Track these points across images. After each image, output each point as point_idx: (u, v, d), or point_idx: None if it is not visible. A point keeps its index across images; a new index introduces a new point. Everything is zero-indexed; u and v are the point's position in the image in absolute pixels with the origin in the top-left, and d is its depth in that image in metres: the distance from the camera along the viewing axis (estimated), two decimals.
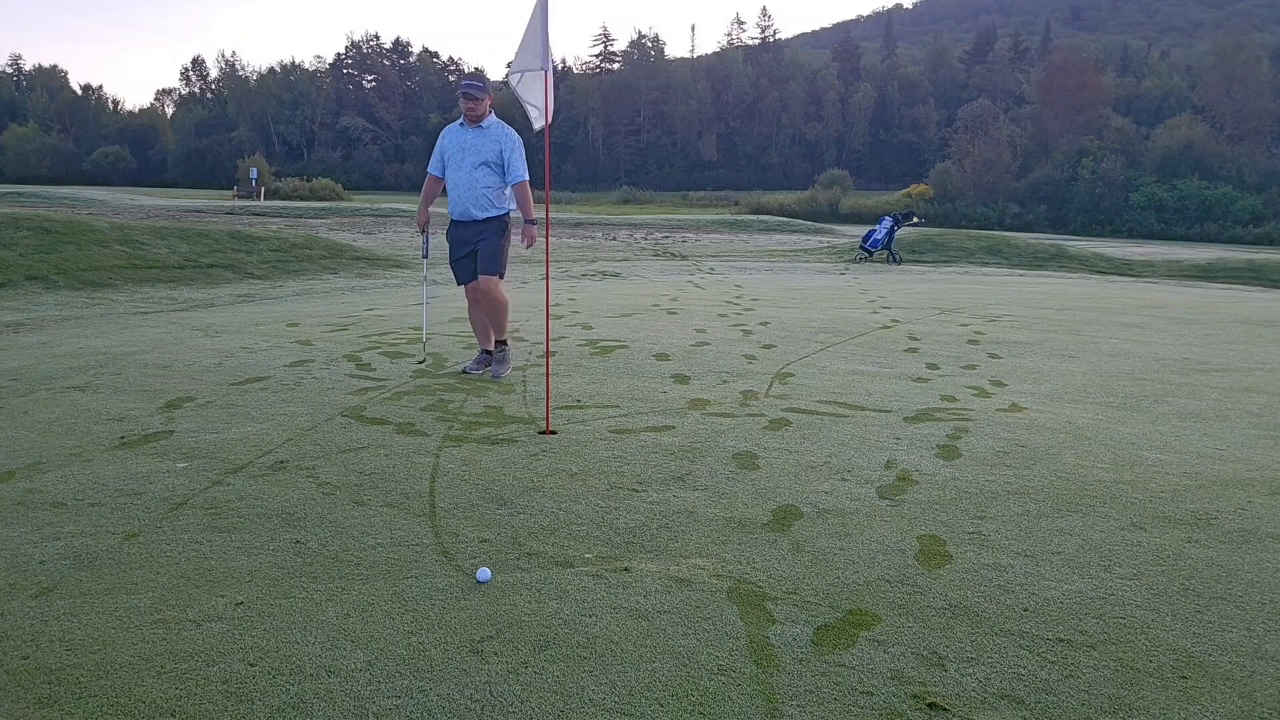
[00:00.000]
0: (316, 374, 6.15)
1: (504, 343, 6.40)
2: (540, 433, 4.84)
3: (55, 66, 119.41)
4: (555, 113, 6.13)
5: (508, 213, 6.24)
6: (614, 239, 27.23)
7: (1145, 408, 5.80)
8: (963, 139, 66.54)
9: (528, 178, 6.12)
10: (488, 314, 6.29)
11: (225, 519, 3.55)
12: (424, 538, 3.41)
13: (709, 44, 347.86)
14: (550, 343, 6.64)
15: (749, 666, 2.53)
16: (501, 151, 6.05)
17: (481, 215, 6.13)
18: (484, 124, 6.08)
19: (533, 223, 6.11)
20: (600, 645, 2.63)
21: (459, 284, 6.46)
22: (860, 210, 58.21)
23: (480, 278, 6.20)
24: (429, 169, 6.44)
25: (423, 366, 6.45)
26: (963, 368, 7.03)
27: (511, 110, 6.36)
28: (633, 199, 75.82)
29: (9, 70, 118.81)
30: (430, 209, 6.50)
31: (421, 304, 7.84)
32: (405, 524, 3.52)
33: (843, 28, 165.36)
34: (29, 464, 4.18)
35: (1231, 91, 69.03)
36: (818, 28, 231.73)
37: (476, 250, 6.18)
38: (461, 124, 6.16)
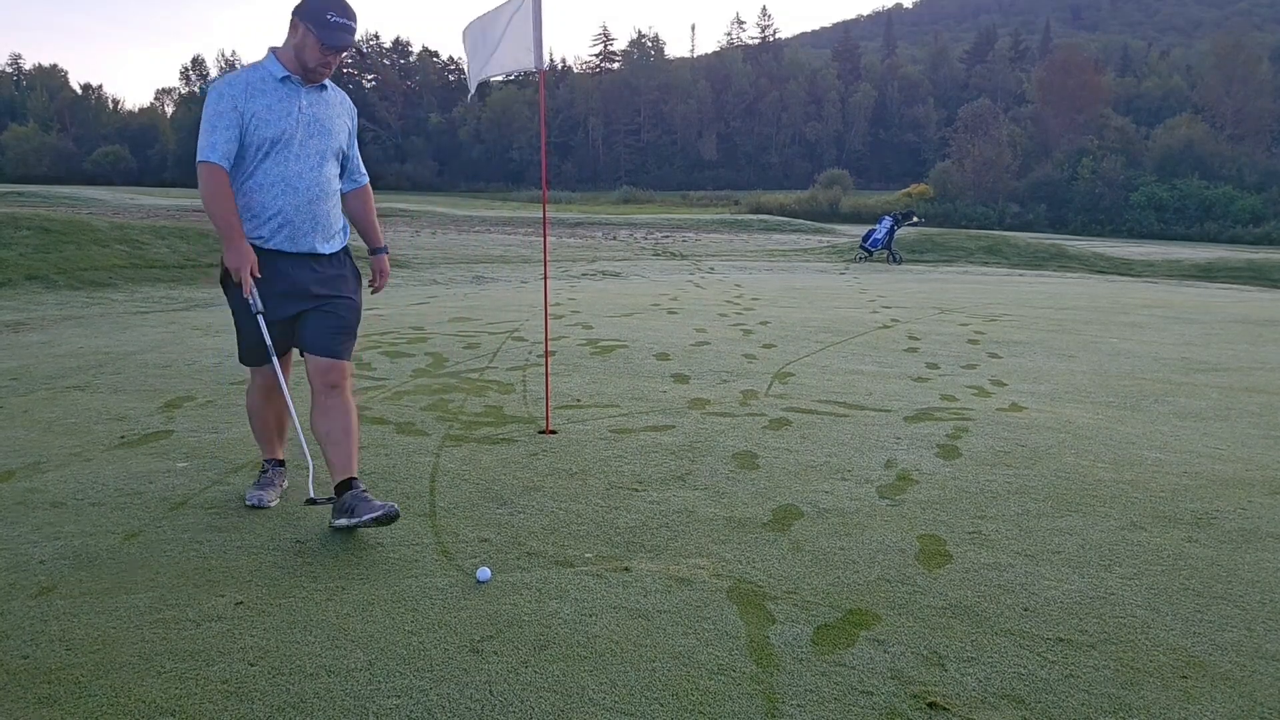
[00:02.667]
0: None
1: (356, 480, 3.45)
2: (540, 432, 4.84)
3: (55, 66, 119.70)
4: (554, 112, 5.96)
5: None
6: (614, 239, 27.21)
7: (1145, 407, 5.80)
8: (963, 139, 66.53)
9: None
10: (335, 425, 3.48)
11: (225, 518, 3.55)
12: (424, 537, 3.41)
13: (709, 44, 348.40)
14: (550, 342, 6.64)
15: (749, 666, 2.53)
16: (350, 134, 3.74)
17: (329, 248, 3.60)
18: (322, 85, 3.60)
19: (384, 251, 3.94)
20: (600, 645, 2.63)
21: (256, 363, 3.66)
22: (860, 210, 58.23)
23: (327, 362, 3.49)
24: (210, 156, 3.34)
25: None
26: (963, 367, 7.03)
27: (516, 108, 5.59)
28: (633, 199, 75.80)
29: (9, 70, 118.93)
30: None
31: None
32: (405, 524, 3.52)
33: (843, 27, 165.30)
34: (29, 464, 4.18)
35: (1231, 91, 69.04)
36: (818, 27, 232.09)
37: (316, 309, 3.52)
38: (286, 78, 3.45)
